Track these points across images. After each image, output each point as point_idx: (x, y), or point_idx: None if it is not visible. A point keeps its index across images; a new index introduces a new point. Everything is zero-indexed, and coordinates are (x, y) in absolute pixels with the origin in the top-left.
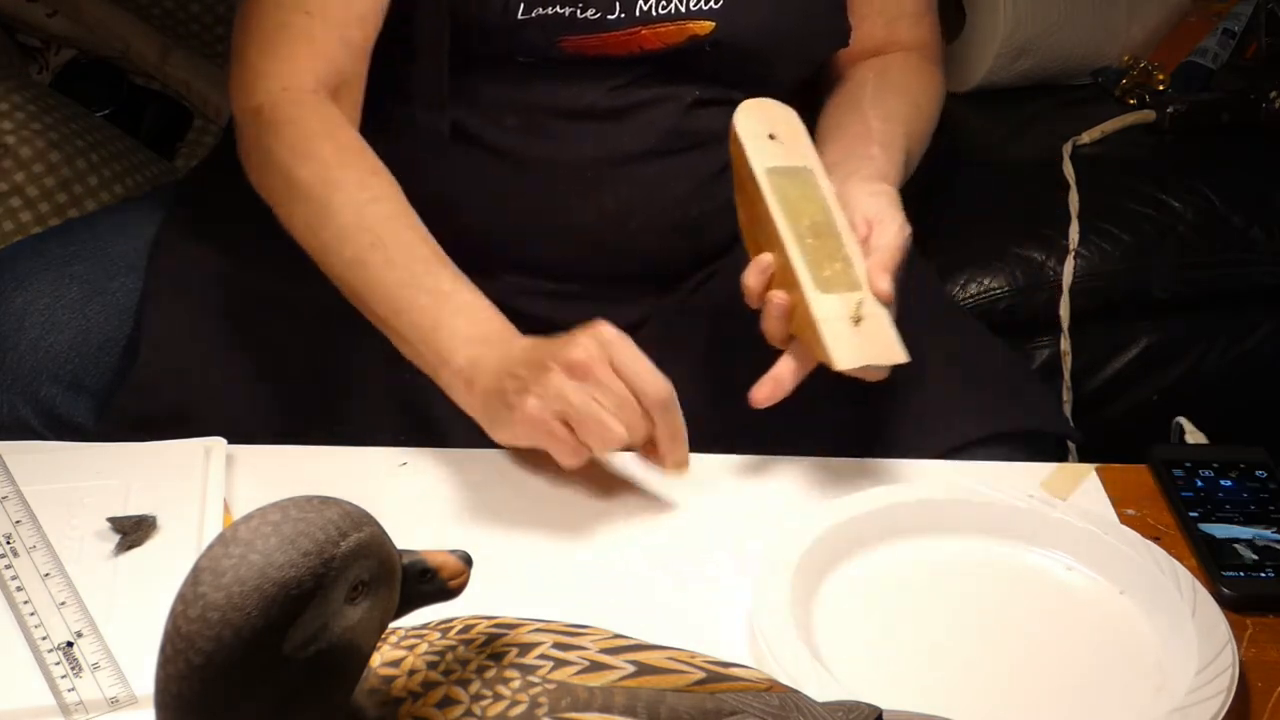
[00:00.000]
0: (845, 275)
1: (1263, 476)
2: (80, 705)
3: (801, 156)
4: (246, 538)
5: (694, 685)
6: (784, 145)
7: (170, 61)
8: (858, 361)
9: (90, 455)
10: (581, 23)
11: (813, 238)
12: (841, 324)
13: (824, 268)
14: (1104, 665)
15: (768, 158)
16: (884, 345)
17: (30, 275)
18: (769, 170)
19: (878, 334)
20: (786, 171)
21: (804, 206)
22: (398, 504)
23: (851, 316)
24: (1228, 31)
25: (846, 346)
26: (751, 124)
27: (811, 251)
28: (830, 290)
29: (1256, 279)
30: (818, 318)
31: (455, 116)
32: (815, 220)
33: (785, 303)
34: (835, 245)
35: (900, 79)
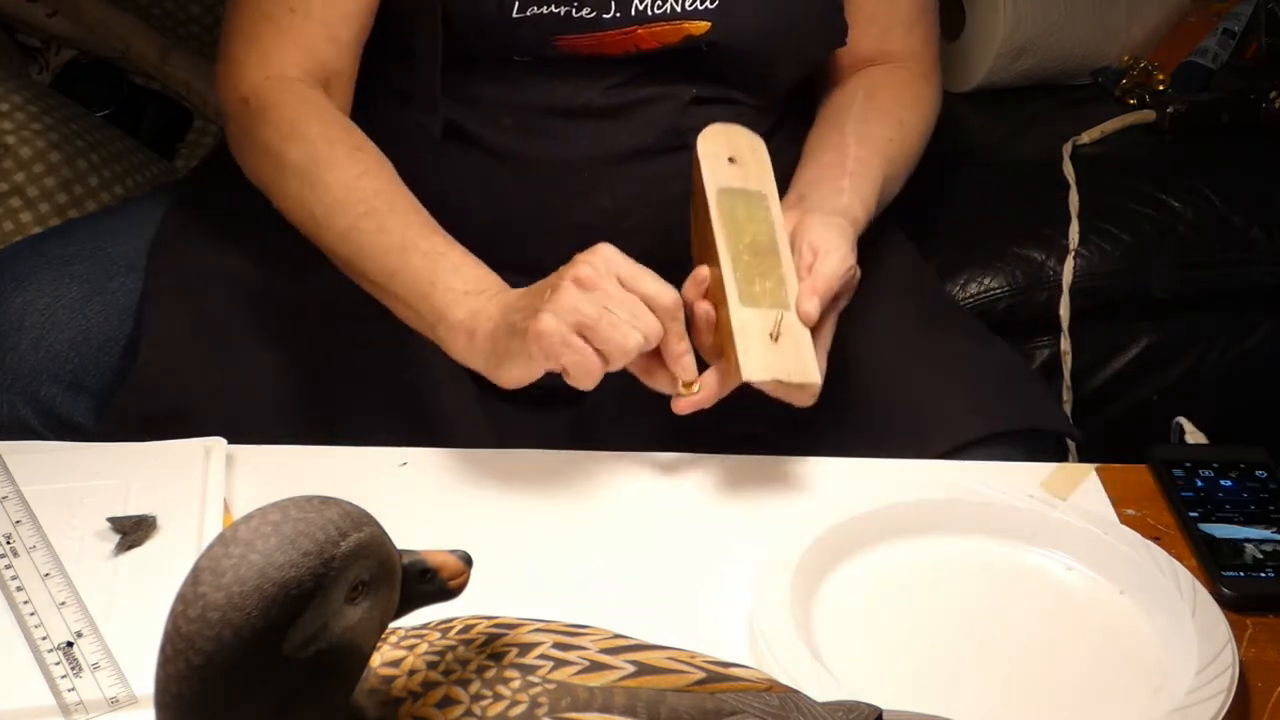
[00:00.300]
0: (775, 294)
1: (1263, 476)
2: (80, 705)
3: (757, 182)
4: (246, 538)
5: (694, 685)
6: (742, 169)
7: (170, 62)
8: (765, 375)
9: (90, 455)
10: (577, 22)
11: (750, 255)
12: (757, 338)
13: (754, 284)
14: (1104, 665)
15: (722, 178)
16: (796, 363)
17: (30, 275)
18: (720, 190)
19: (793, 352)
20: (738, 193)
21: (748, 226)
22: (398, 504)
23: (770, 332)
24: (1228, 31)
25: (757, 359)
26: (713, 146)
27: (745, 268)
28: (755, 304)
29: (1256, 279)
30: (734, 328)
31: (452, 117)
32: (756, 239)
33: (709, 314)
34: (771, 264)
35: (888, 99)
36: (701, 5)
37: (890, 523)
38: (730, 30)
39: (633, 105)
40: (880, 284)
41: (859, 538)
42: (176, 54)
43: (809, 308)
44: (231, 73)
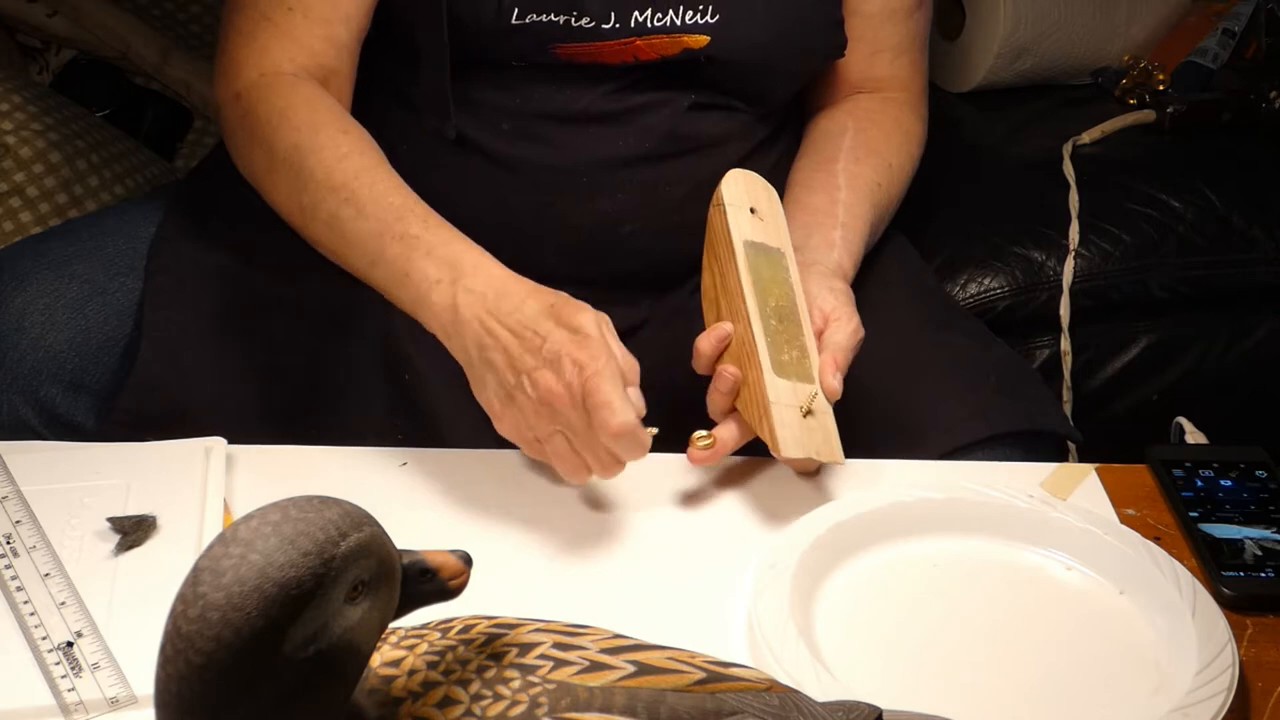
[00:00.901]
0: (800, 365)
1: (1263, 476)
2: (80, 705)
3: (777, 237)
4: (246, 538)
5: (694, 685)
6: (763, 222)
7: (170, 62)
8: (802, 452)
9: (90, 455)
10: (576, 31)
11: (776, 320)
12: (792, 412)
13: (782, 352)
14: (1104, 665)
15: (747, 230)
16: (826, 443)
17: (30, 275)
18: (747, 243)
19: (823, 430)
20: (762, 249)
21: (772, 288)
22: (398, 504)
23: (802, 407)
24: (1228, 31)
25: (793, 435)
26: (737, 192)
27: (774, 334)
28: (785, 376)
29: (1256, 279)
30: (770, 400)
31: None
32: (781, 304)
33: (737, 378)
34: (795, 332)
35: (878, 139)
36: (701, 20)
37: (890, 523)
38: (728, 45)
39: (631, 111)
40: (880, 285)
41: (859, 538)
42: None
43: (835, 384)
44: (228, 71)
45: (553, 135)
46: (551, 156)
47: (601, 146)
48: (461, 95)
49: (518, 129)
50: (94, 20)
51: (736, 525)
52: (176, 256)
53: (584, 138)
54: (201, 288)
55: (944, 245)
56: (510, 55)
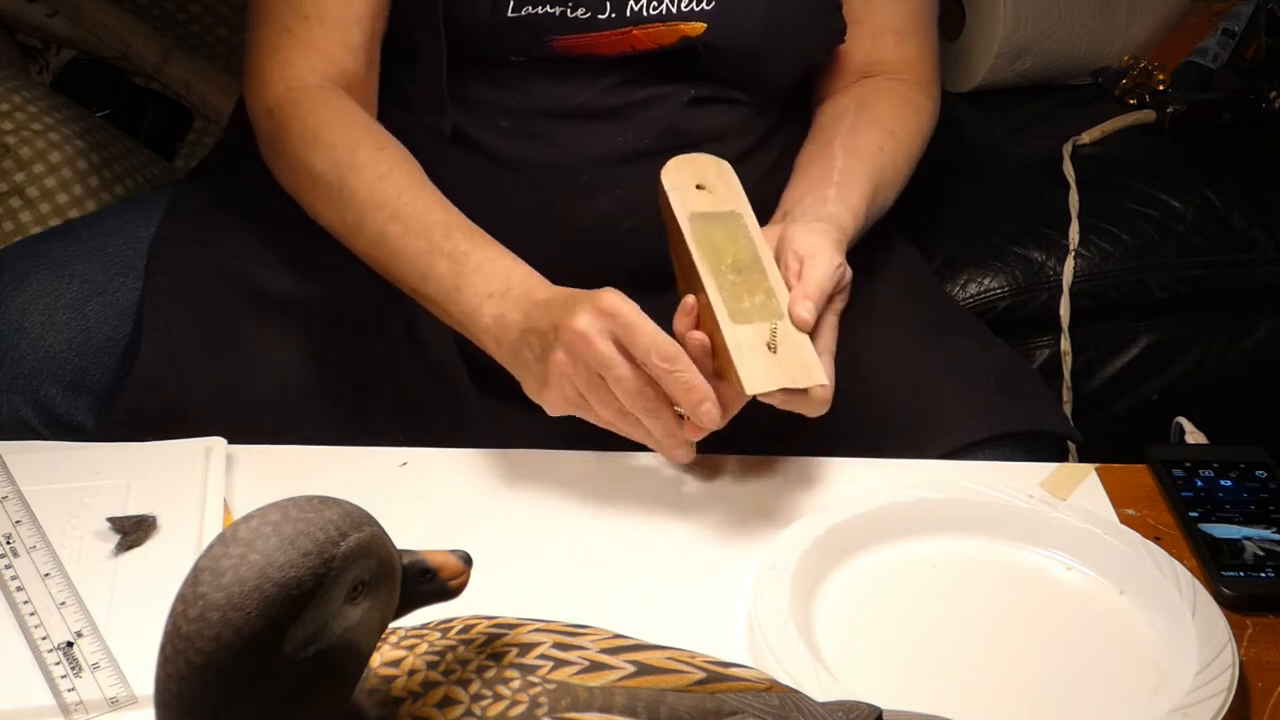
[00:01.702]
0: (765, 306)
1: (1263, 476)
2: (80, 705)
3: (730, 203)
4: (246, 538)
5: (694, 685)
6: (712, 194)
7: (170, 62)
8: (769, 385)
9: (90, 455)
10: (572, 22)
11: (734, 274)
12: (755, 351)
13: (743, 300)
14: (1104, 665)
15: (692, 204)
16: (799, 368)
17: (30, 275)
18: (692, 215)
19: (793, 358)
20: (712, 216)
21: (727, 247)
22: (398, 504)
23: (767, 343)
24: (1228, 31)
25: (759, 372)
26: (678, 176)
27: (731, 287)
28: (747, 321)
29: (1256, 279)
30: (730, 346)
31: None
32: (738, 258)
33: (704, 342)
34: (757, 279)
35: (881, 110)
36: (697, 6)
37: (890, 523)
38: (726, 31)
39: (630, 106)
40: (880, 285)
41: (859, 538)
42: (176, 54)
43: (802, 312)
44: (256, 88)
45: (552, 132)
46: (551, 154)
47: (601, 143)
48: (460, 94)
49: (517, 126)
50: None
51: (736, 525)
52: (176, 256)
53: (583, 134)
54: (201, 288)
55: (944, 245)
56: (508, 50)
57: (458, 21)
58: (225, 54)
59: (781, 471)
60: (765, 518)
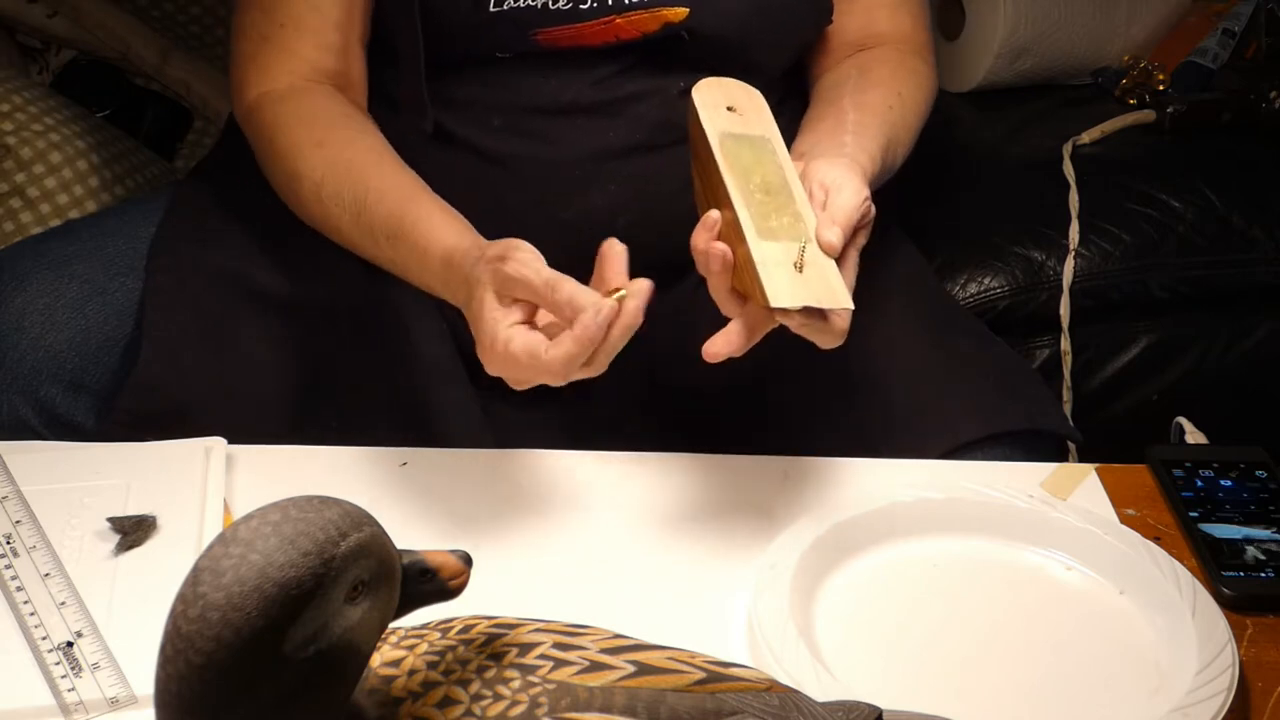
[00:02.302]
0: (793, 227)
1: (1263, 476)
2: (80, 705)
3: (760, 127)
4: (246, 538)
5: (694, 685)
6: (742, 117)
7: (170, 63)
8: (793, 301)
9: (90, 455)
10: (554, 14)
11: (762, 194)
12: (782, 268)
13: (770, 220)
14: (1104, 665)
15: (723, 124)
16: (825, 289)
17: (30, 275)
18: (723, 135)
19: (819, 279)
20: (742, 138)
21: (756, 168)
22: (398, 504)
23: (794, 262)
24: (1228, 31)
25: (784, 287)
26: (709, 96)
27: (759, 205)
28: (774, 238)
29: (1256, 279)
30: (756, 259)
31: (443, 121)
32: (766, 179)
33: (726, 254)
34: (785, 201)
35: (882, 73)
36: None
37: (890, 523)
38: (709, 16)
39: (621, 101)
40: (880, 284)
41: (859, 538)
42: (176, 55)
43: (830, 236)
44: (235, 94)
45: (543, 129)
46: (542, 151)
47: (592, 139)
48: (450, 95)
49: (508, 124)
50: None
51: (736, 525)
52: (176, 256)
53: (575, 131)
54: (201, 288)
55: (944, 245)
56: (493, 46)
57: (440, 20)
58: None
59: (781, 471)
60: (765, 518)
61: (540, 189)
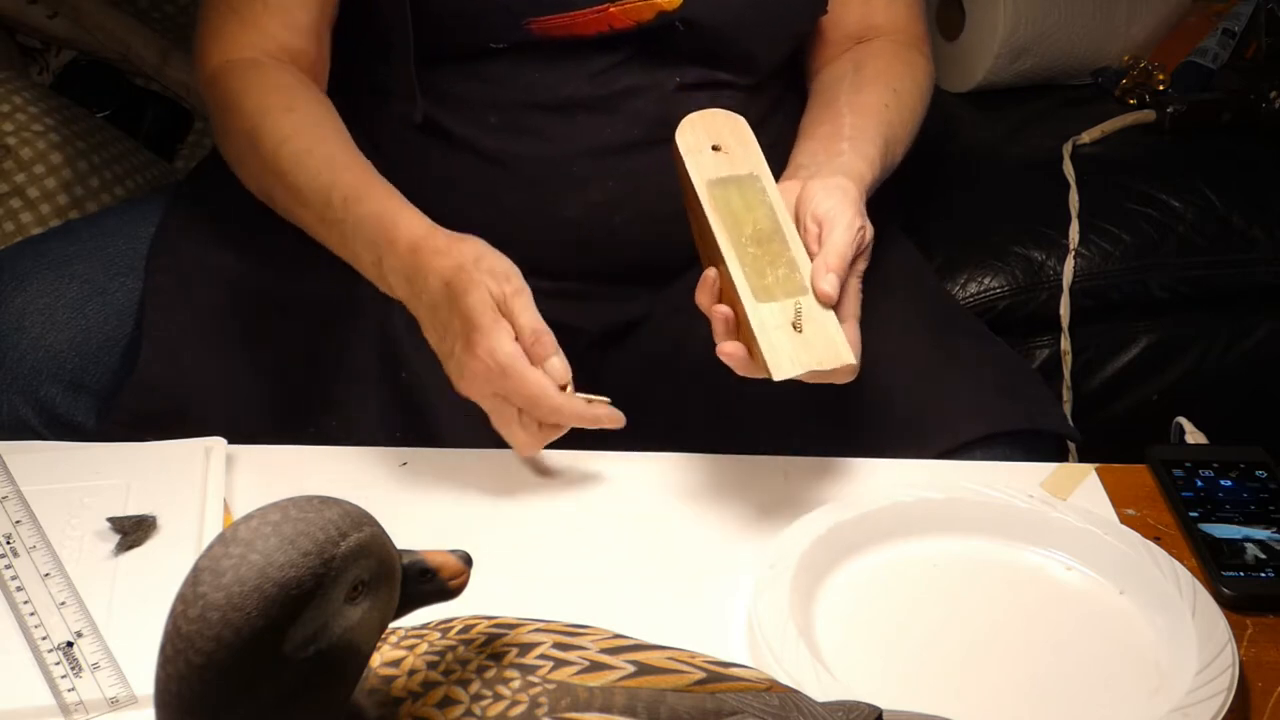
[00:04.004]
0: (788, 280)
1: (1263, 476)
2: (80, 705)
3: (747, 164)
4: (246, 538)
5: (694, 685)
6: (729, 156)
7: (170, 64)
8: (795, 370)
9: (90, 455)
10: (548, 3)
11: (755, 246)
12: (780, 332)
13: (765, 275)
14: (1104, 665)
15: (709, 169)
16: (825, 349)
17: (30, 275)
18: (710, 182)
19: (819, 338)
20: (730, 181)
21: (746, 215)
22: (398, 504)
23: (792, 323)
24: (1228, 31)
25: (785, 355)
26: (693, 138)
27: (753, 260)
28: (770, 298)
29: (1256, 279)
30: (754, 326)
31: (439, 118)
32: (759, 228)
33: (729, 317)
34: (779, 250)
35: (877, 68)
36: None
37: (890, 523)
38: (703, 5)
39: (618, 96)
40: (880, 284)
41: (859, 538)
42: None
43: (826, 287)
44: (198, 60)
45: (541, 126)
46: (540, 148)
47: (590, 135)
48: (445, 91)
49: (505, 122)
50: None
51: (736, 525)
52: (176, 256)
53: (572, 127)
54: (201, 288)
55: (944, 245)
56: (486, 37)
57: (432, 10)
58: None
59: (781, 471)
60: (765, 518)
61: (539, 187)
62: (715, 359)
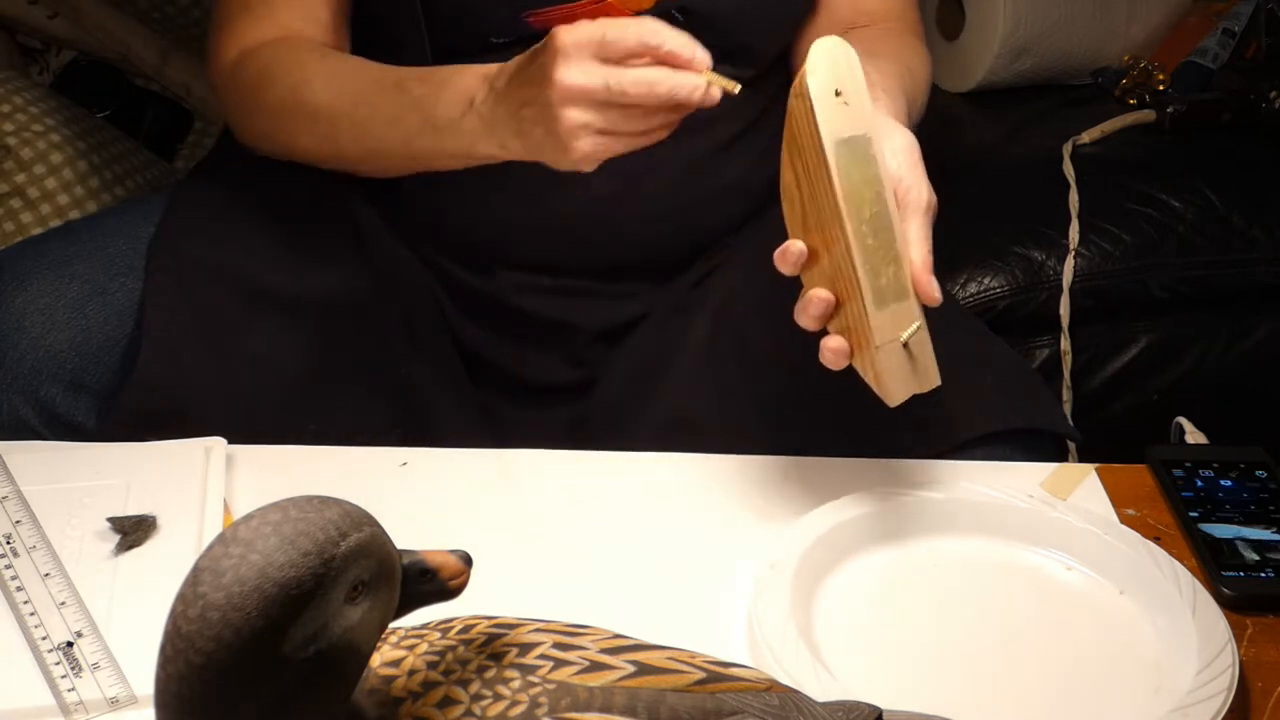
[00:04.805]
0: (897, 281)
1: (1263, 476)
2: (80, 705)
3: (862, 118)
4: (246, 538)
5: (694, 685)
6: (849, 106)
7: (170, 65)
8: (905, 396)
9: (90, 455)
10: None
11: (873, 236)
12: (893, 349)
13: (880, 275)
14: (1104, 665)
15: (838, 126)
16: (924, 374)
17: (31, 275)
18: (838, 143)
19: (922, 359)
20: (851, 144)
21: (866, 192)
22: (398, 504)
23: (903, 340)
24: (1228, 31)
25: (899, 380)
26: (824, 77)
27: (871, 254)
28: (884, 303)
29: (1256, 279)
30: (876, 345)
31: None
32: (875, 210)
33: (829, 301)
34: (889, 241)
35: (887, 51)
36: None
37: (890, 523)
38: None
39: None
40: None
41: (859, 538)
42: (176, 57)
43: (935, 293)
44: (213, 57)
45: None
46: None
47: None
48: None
49: None
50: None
51: (736, 525)
52: (176, 256)
53: None
54: (202, 287)
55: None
56: (488, 30)
57: (435, 5)
58: None
59: (781, 471)
60: (765, 518)
61: (540, 182)
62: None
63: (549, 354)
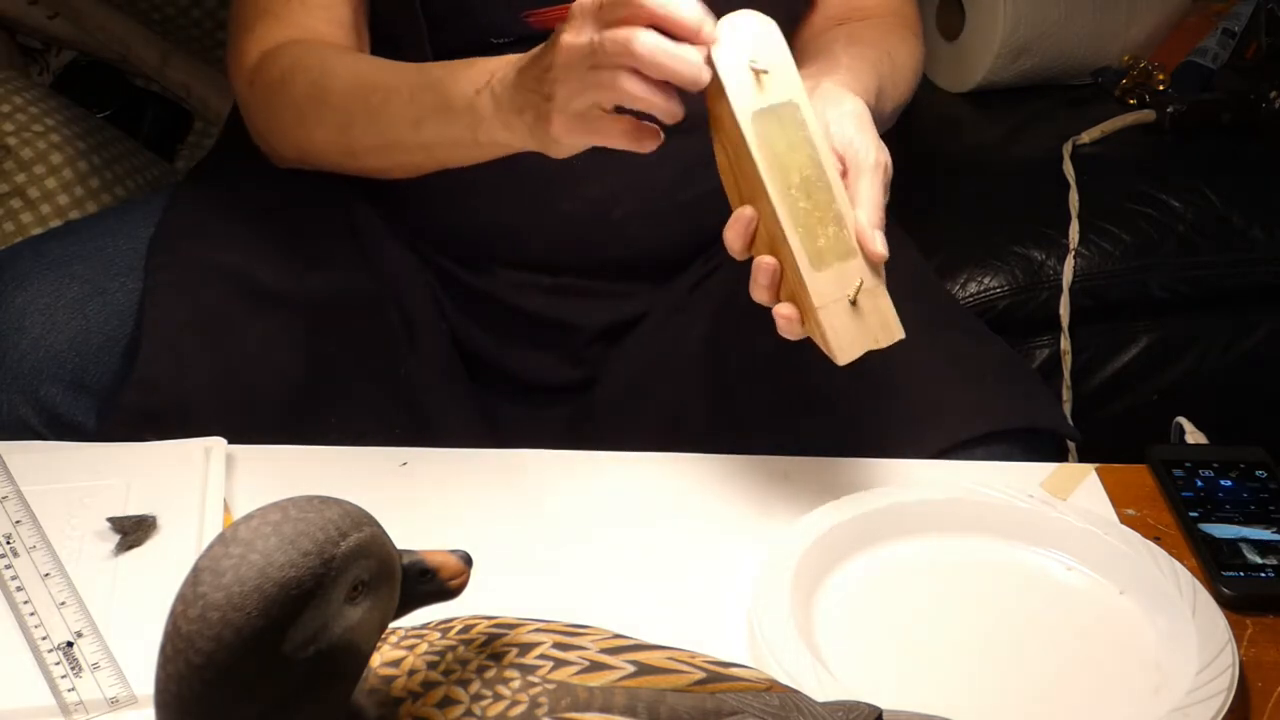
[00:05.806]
0: (838, 240)
1: (1263, 476)
2: (80, 705)
3: (784, 86)
4: (246, 538)
5: (694, 685)
6: (769, 74)
7: (171, 65)
8: (860, 349)
9: (90, 455)
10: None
11: (805, 199)
12: (839, 307)
13: (817, 237)
14: (1104, 665)
15: (751, 97)
16: (881, 325)
17: (30, 275)
18: (754, 115)
19: (876, 311)
20: (771, 113)
21: (792, 158)
22: (398, 504)
23: (849, 296)
24: (1228, 31)
25: (847, 338)
26: (733, 56)
27: (804, 217)
28: (824, 264)
29: (1256, 279)
30: (816, 306)
31: None
32: (805, 174)
33: (775, 267)
34: (824, 200)
35: (873, 35)
36: None
37: (890, 523)
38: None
39: None
40: None
41: (859, 538)
42: (176, 58)
43: (878, 248)
44: (234, 63)
45: None
46: None
47: None
48: None
49: None
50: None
51: (736, 525)
52: (176, 255)
53: None
54: (201, 287)
55: (944, 244)
56: (487, 30)
57: (434, 6)
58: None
59: (781, 471)
60: (765, 518)
61: (537, 181)
62: (714, 359)
63: (548, 354)
